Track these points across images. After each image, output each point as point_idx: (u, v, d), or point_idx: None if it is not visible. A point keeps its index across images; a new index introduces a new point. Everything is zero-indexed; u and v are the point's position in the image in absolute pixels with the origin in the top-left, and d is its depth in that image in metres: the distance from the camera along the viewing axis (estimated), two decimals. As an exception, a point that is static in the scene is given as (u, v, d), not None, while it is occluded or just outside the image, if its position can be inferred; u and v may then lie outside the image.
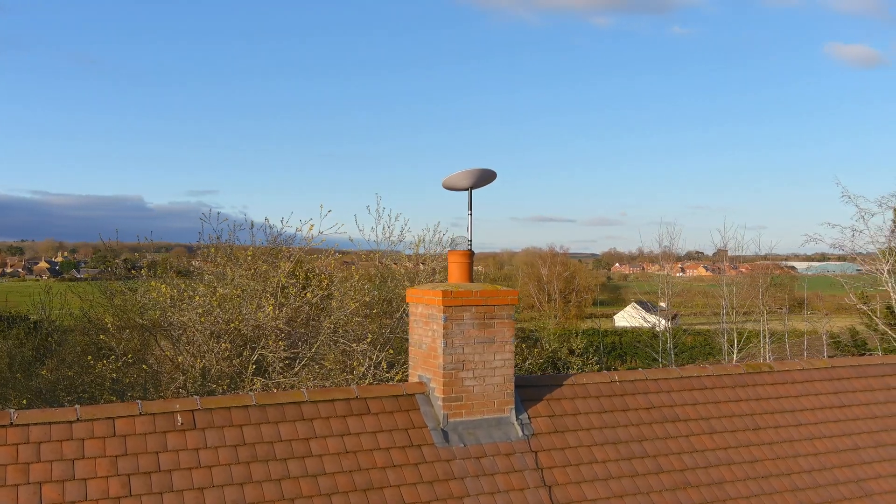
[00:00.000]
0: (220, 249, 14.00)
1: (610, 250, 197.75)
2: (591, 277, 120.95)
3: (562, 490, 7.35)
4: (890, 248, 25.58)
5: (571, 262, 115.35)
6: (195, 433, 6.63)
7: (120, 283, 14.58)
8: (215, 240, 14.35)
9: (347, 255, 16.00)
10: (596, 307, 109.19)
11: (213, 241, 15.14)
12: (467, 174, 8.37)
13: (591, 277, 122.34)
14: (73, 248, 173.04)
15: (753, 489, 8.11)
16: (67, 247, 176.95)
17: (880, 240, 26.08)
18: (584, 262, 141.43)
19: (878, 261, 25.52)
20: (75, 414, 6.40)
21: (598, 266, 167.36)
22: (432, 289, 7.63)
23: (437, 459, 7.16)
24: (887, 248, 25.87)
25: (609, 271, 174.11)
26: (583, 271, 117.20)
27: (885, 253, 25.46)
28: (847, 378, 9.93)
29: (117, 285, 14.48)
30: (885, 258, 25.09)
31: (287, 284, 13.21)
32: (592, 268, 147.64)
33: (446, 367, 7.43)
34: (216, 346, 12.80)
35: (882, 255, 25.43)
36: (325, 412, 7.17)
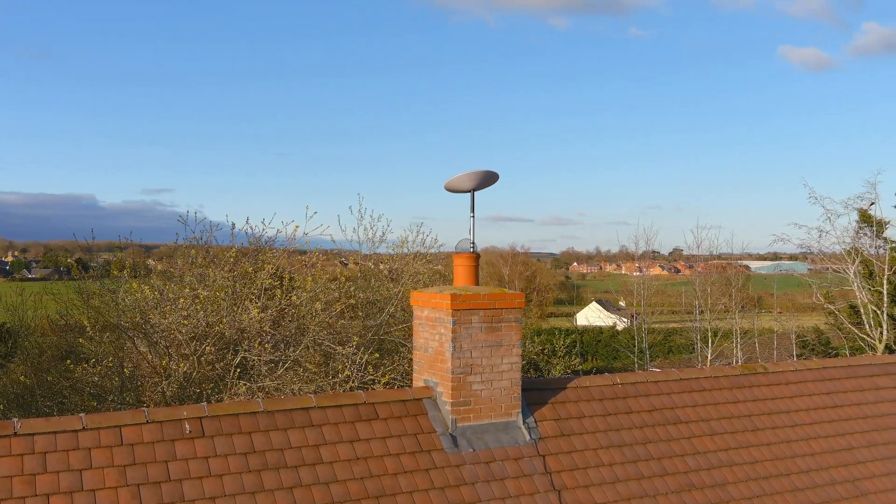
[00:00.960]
0: (201, 251, 13.74)
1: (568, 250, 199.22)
2: (550, 277, 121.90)
3: (571, 494, 7.32)
4: (855, 249, 26.09)
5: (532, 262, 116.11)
6: (204, 441, 6.46)
7: (97, 284, 14.22)
8: (196, 241, 14.09)
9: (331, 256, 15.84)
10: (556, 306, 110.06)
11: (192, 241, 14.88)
12: (470, 176, 8.30)
13: (551, 277, 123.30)
14: (23, 247, 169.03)
15: (755, 490, 8.16)
16: (17, 246, 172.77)
17: (846, 240, 26.63)
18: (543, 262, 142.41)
19: (843, 261, 26.02)
20: (81, 422, 6.20)
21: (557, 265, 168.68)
22: (439, 292, 7.55)
23: (447, 465, 7.08)
24: (852, 248, 26.39)
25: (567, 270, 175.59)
26: (543, 271, 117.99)
27: (850, 253, 25.96)
28: (838, 378, 10.06)
29: (95, 286, 14.13)
30: (851, 258, 25.59)
31: (272, 286, 13.01)
32: (551, 267, 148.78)
33: (455, 371, 7.35)
34: (199, 348, 12.57)
35: (848, 256, 25.93)
36: (334, 418, 7.05)
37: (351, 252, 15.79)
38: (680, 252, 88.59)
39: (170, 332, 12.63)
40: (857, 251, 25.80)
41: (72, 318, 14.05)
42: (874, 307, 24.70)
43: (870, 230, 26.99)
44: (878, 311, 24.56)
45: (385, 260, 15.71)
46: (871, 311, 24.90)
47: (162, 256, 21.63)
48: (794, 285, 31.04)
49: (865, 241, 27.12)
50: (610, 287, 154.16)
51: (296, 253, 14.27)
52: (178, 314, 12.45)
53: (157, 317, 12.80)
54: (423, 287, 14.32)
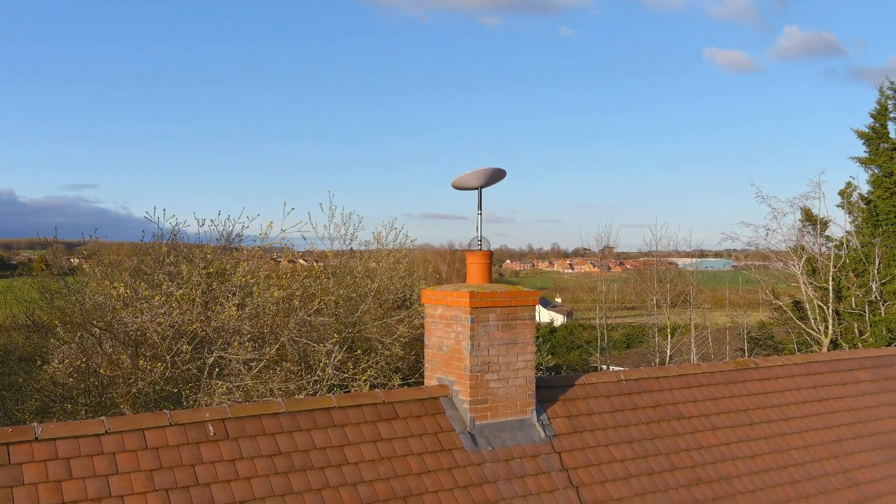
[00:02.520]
0: (172, 248, 13.38)
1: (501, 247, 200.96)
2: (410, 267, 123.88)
3: (588, 490, 7.36)
4: (801, 246, 26.87)
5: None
6: (229, 443, 6.30)
7: (60, 283, 13.72)
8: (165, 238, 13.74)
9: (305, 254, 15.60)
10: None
11: (156, 238, 14.52)
12: (478, 174, 8.28)
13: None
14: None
15: (757, 483, 8.33)
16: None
17: (791, 238, 27.41)
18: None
19: (789, 258, 26.76)
20: (103, 426, 5.97)
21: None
22: (455, 290, 7.49)
23: (468, 463, 7.04)
24: (797, 245, 27.18)
25: (500, 268, 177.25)
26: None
27: (796, 250, 26.72)
28: (821, 373, 10.34)
29: (58, 285, 13.63)
30: (798, 255, 26.33)
31: (249, 283, 12.76)
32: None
33: (473, 369, 7.31)
34: (174, 347, 12.26)
35: (794, 252, 26.68)
36: (355, 418, 6.94)
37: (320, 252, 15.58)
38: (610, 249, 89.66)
39: (143, 331, 12.29)
40: (802, 248, 26.57)
41: (37, 318, 13.53)
42: (820, 303, 25.48)
43: (813, 228, 27.83)
44: (824, 306, 25.35)
45: (359, 256, 15.55)
46: (816, 307, 25.68)
47: (88, 254, 20.90)
48: (708, 281, 31.88)
49: (809, 238, 27.98)
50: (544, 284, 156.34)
51: (271, 250, 14.01)
52: (152, 313, 12.12)
53: (129, 316, 12.44)
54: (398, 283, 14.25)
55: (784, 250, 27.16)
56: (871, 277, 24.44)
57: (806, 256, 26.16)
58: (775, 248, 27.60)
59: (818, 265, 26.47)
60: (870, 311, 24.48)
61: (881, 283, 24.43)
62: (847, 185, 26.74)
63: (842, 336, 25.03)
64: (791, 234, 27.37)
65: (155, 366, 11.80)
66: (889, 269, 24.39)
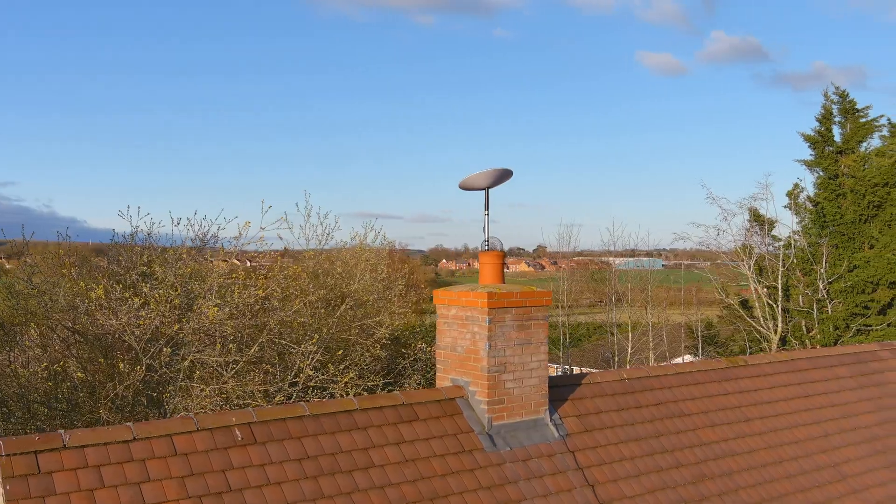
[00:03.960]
0: (148, 248, 13.05)
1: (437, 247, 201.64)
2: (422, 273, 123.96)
3: (603, 489, 7.43)
4: (750, 247, 27.59)
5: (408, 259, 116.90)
6: (257, 448, 6.18)
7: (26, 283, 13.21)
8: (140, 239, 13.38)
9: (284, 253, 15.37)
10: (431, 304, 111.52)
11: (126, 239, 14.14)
12: (486, 174, 8.29)
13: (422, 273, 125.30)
14: None
15: (757, 478, 8.53)
16: None
17: (741, 239, 28.13)
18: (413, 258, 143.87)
19: (739, 257, 27.46)
20: (131, 432, 5.80)
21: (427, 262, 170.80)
22: (471, 290, 7.49)
23: (489, 464, 7.05)
24: (744, 245, 27.90)
25: (437, 267, 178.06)
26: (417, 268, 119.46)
27: (745, 249, 27.42)
28: (806, 370, 10.63)
29: (24, 284, 13.13)
30: (747, 254, 27.03)
31: (228, 284, 12.53)
32: (422, 264, 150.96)
33: (491, 370, 7.32)
34: (150, 349, 11.97)
35: (743, 251, 27.38)
36: (377, 420, 6.88)
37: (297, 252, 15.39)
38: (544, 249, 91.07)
39: (120, 333, 11.96)
40: (751, 249, 27.29)
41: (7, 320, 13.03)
42: (770, 301, 26.20)
43: (760, 228, 28.61)
44: (774, 305, 26.08)
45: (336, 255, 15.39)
46: (766, 305, 26.40)
47: (10, 254, 20.16)
48: (637, 279, 32.58)
49: (756, 238, 28.74)
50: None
51: (247, 251, 13.77)
52: (130, 315, 11.80)
53: (104, 318, 12.09)
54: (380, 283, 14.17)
55: (732, 249, 27.86)
56: (819, 276, 25.24)
57: (756, 257, 26.86)
58: (725, 248, 28.33)
59: (765, 264, 27.22)
60: (818, 309, 25.27)
61: (828, 282, 25.25)
62: (794, 187, 27.58)
63: (791, 333, 25.79)
64: (740, 235, 28.11)
65: (134, 369, 11.49)
66: (835, 268, 25.22)
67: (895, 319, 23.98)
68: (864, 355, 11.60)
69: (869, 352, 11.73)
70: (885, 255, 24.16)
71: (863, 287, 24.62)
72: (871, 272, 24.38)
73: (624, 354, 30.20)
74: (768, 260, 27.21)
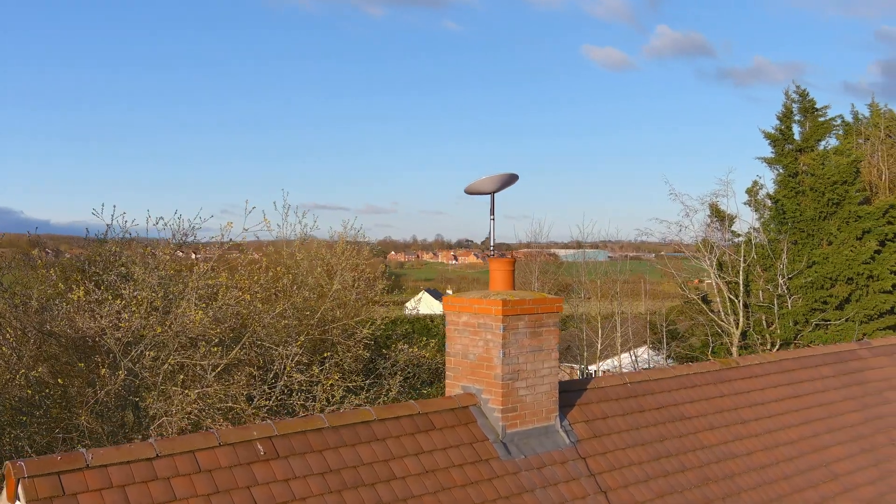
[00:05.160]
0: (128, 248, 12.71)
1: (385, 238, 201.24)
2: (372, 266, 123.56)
3: (616, 495, 7.46)
4: (709, 242, 28.00)
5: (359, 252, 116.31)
6: (279, 462, 6.05)
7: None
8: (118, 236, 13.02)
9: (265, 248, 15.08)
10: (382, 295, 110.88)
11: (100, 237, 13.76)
12: (492, 179, 8.26)
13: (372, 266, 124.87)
14: None
15: (757, 480, 8.66)
16: None
17: (702, 234, 28.53)
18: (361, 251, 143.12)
19: (700, 252, 27.85)
20: (153, 450, 5.62)
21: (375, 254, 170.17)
22: (484, 297, 7.43)
23: (506, 473, 7.02)
24: (704, 240, 28.32)
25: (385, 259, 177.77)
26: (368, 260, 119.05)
27: (706, 244, 27.82)
28: (793, 370, 10.82)
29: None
30: (708, 249, 27.42)
31: (209, 286, 12.27)
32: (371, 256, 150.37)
33: (504, 377, 7.28)
34: (130, 352, 11.67)
35: (704, 246, 27.77)
36: (395, 430, 6.80)
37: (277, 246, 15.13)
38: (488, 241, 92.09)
39: (100, 336, 11.63)
40: (712, 245, 27.69)
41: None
42: (731, 296, 26.64)
43: (721, 224, 29.07)
44: (735, 299, 26.52)
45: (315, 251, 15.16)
46: (727, 300, 26.83)
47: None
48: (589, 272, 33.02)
49: (717, 234, 29.19)
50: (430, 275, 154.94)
51: (230, 250, 13.49)
52: (111, 318, 11.48)
53: (83, 320, 11.74)
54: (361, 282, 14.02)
55: (693, 244, 28.24)
56: (779, 272, 25.73)
57: (718, 254, 27.26)
58: (687, 243, 28.70)
59: (726, 259, 27.66)
60: (778, 305, 25.78)
61: (788, 277, 25.76)
62: (754, 184, 28.04)
63: (752, 328, 26.26)
64: (702, 231, 28.51)
65: (115, 373, 11.19)
66: (795, 264, 25.73)
67: (853, 314, 24.57)
68: (845, 354, 11.85)
69: (849, 351, 11.99)
70: (844, 251, 24.74)
71: (822, 283, 25.17)
72: (829, 268, 24.94)
73: (593, 349, 30.45)
74: (729, 255, 27.65)
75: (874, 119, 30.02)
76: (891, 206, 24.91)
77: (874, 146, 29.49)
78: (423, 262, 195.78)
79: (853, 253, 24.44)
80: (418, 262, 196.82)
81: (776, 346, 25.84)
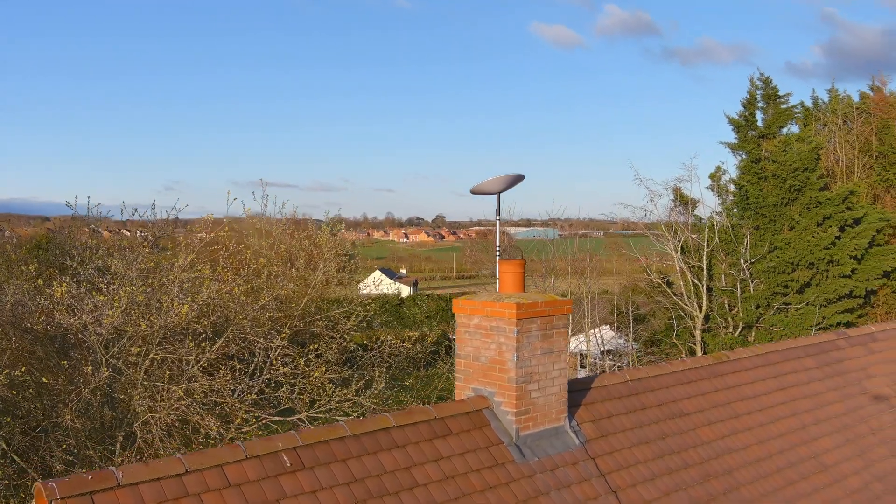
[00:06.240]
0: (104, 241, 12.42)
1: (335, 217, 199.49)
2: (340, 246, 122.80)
3: (625, 494, 7.57)
4: (673, 226, 28.39)
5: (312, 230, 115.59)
6: (306, 473, 6.00)
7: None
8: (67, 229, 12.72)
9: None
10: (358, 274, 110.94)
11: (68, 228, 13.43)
12: (498, 180, 8.26)
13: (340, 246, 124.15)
14: None
15: (753, 474, 8.85)
16: None
17: (666, 218, 28.92)
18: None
19: (664, 237, 28.23)
20: (182, 465, 5.53)
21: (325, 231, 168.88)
22: (496, 300, 7.43)
23: (521, 476, 7.07)
24: (667, 223, 28.70)
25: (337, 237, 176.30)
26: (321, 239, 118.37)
27: (669, 227, 28.19)
28: (778, 362, 11.05)
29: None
30: (672, 232, 27.81)
31: (195, 277, 12.07)
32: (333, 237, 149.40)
33: (518, 380, 7.30)
34: (112, 349, 11.45)
35: (667, 229, 28.14)
36: (414, 436, 6.79)
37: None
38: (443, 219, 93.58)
39: (81, 333, 11.38)
40: (675, 228, 28.08)
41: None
42: (695, 280, 27.09)
43: (684, 208, 29.50)
44: (699, 283, 26.98)
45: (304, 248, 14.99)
46: (690, 283, 27.28)
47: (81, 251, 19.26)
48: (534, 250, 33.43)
49: (680, 218, 29.61)
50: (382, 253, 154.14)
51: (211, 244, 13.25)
52: (95, 313, 11.24)
53: (63, 316, 11.47)
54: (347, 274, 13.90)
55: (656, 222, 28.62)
56: (741, 257, 26.23)
57: (682, 239, 27.66)
58: (651, 229, 29.07)
59: (688, 242, 28.08)
60: (740, 288, 26.29)
61: (750, 262, 26.27)
62: (717, 169, 28.49)
63: (716, 311, 26.76)
64: (666, 215, 28.90)
65: (101, 370, 10.97)
66: (757, 249, 26.25)
67: (813, 298, 25.19)
68: (825, 345, 12.14)
69: (829, 342, 12.28)
70: (805, 237, 25.29)
71: (783, 268, 25.72)
72: (791, 254, 25.49)
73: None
74: (692, 239, 28.07)
75: (832, 105, 30.62)
76: (850, 193, 25.50)
77: (831, 132, 30.12)
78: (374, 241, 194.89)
79: (815, 239, 25.00)
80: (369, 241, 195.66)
81: (738, 329, 26.41)
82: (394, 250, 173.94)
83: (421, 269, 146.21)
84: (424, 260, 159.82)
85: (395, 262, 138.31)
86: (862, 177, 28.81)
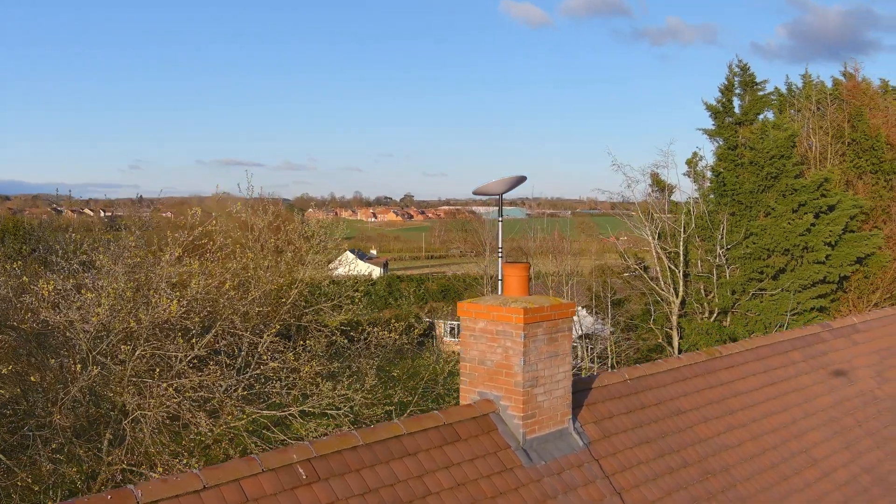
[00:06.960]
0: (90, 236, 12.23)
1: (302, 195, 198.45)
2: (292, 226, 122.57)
3: (629, 495, 7.65)
4: (650, 212, 28.58)
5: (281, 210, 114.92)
6: (321, 485, 5.98)
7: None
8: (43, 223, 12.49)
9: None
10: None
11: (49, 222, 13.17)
12: (502, 182, 8.25)
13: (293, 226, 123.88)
14: None
15: (749, 470, 8.99)
16: None
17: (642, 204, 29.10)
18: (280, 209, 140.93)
19: (641, 222, 28.42)
20: (200, 481, 5.48)
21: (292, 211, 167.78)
22: (502, 304, 7.44)
23: (530, 480, 7.11)
24: (644, 208, 28.89)
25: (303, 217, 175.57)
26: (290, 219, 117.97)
27: (646, 212, 28.38)
28: (767, 357, 11.21)
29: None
30: (647, 218, 28.00)
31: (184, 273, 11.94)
32: None
33: (525, 385, 7.33)
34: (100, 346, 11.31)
35: (644, 214, 28.33)
36: (424, 443, 6.80)
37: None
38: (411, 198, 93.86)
39: (70, 330, 11.22)
40: (651, 216, 28.28)
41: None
42: (671, 265, 27.34)
43: (661, 194, 29.70)
44: (676, 269, 27.24)
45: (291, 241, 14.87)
46: (667, 268, 27.54)
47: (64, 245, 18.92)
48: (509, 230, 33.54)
49: (657, 204, 29.81)
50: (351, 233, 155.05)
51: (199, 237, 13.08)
52: (83, 311, 11.08)
53: (49, 314, 11.29)
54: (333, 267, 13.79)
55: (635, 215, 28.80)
56: (717, 243, 26.50)
57: (659, 225, 27.87)
58: (628, 214, 29.24)
59: (665, 228, 28.31)
60: (717, 274, 26.58)
61: (727, 248, 26.56)
62: (693, 155, 28.70)
63: (692, 297, 27.04)
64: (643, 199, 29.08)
65: (91, 368, 10.83)
66: (733, 235, 26.52)
67: (788, 284, 25.54)
68: (810, 338, 12.33)
69: (813, 334, 12.48)
70: (781, 223, 25.59)
71: (759, 254, 26.02)
72: (767, 240, 25.78)
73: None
74: (669, 225, 28.29)
75: (806, 91, 30.91)
76: (825, 180, 25.82)
77: (804, 118, 30.43)
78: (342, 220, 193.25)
79: (790, 225, 25.30)
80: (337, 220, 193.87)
81: (714, 315, 26.74)
82: (362, 230, 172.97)
83: (390, 248, 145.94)
84: (393, 240, 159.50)
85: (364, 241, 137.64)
86: (835, 163, 29.16)
